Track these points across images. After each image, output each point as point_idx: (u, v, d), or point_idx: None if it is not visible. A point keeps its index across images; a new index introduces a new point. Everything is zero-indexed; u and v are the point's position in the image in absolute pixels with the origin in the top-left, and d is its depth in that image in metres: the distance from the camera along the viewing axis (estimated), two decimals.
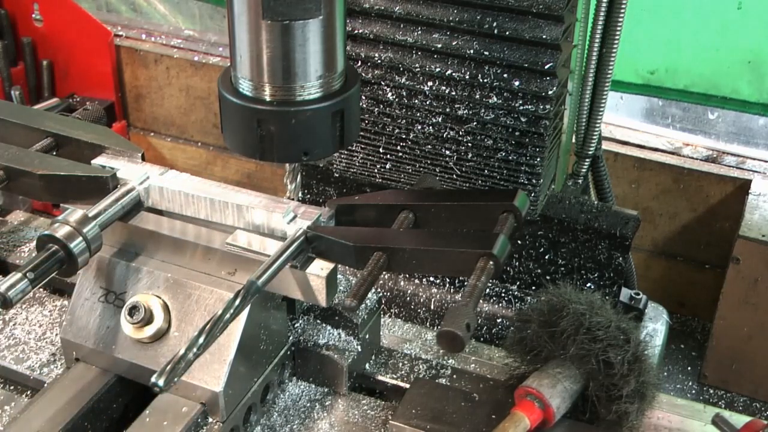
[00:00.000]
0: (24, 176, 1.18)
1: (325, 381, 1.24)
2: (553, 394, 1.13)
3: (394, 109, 1.45)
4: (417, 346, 1.33)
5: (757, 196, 2.30)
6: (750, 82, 2.38)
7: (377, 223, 1.14)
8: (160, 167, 1.19)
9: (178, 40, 2.95)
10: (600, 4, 1.47)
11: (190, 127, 3.02)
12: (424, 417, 1.16)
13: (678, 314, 2.60)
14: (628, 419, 1.14)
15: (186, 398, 1.11)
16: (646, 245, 2.54)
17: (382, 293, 1.60)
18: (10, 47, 2.92)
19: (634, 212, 1.50)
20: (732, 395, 2.38)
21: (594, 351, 1.11)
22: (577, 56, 1.51)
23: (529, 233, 1.52)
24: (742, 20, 2.28)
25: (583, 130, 1.61)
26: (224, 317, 0.91)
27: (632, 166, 2.45)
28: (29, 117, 1.29)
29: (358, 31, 1.41)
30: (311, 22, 0.99)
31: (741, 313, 2.26)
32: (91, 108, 2.75)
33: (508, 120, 1.38)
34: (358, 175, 1.56)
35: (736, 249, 2.20)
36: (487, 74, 1.36)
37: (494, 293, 1.58)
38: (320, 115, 1.04)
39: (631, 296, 1.57)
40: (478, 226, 1.11)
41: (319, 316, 1.25)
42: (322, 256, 1.10)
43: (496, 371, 1.29)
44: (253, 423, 1.18)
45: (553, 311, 1.16)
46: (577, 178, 1.67)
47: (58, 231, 1.04)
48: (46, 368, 1.23)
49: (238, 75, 1.04)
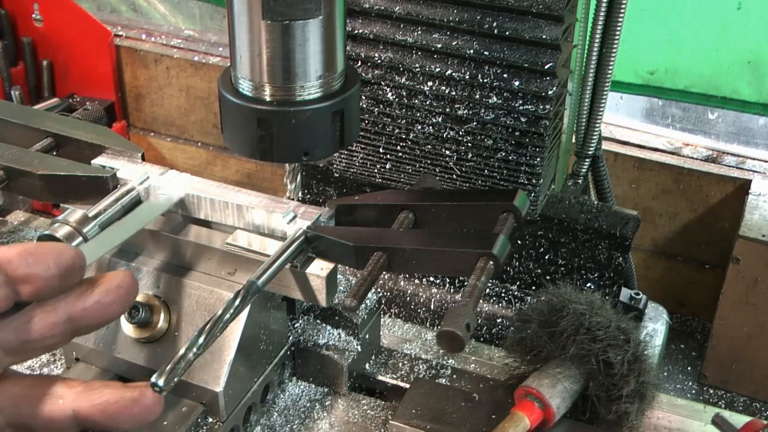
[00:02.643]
0: (24, 176, 1.18)
1: (325, 381, 1.24)
2: (553, 394, 1.13)
3: (394, 109, 1.45)
4: (417, 346, 1.33)
5: (757, 196, 2.30)
6: (750, 82, 2.38)
7: (377, 223, 1.14)
8: (160, 167, 1.19)
9: (178, 40, 2.95)
10: (600, 4, 1.47)
11: (190, 127, 3.02)
12: (424, 417, 1.16)
13: (678, 314, 2.60)
14: (628, 419, 1.14)
15: (186, 398, 1.11)
16: (646, 245, 2.54)
17: (382, 293, 1.60)
18: (10, 47, 2.92)
19: (634, 212, 1.50)
20: (732, 395, 2.38)
21: (594, 351, 1.11)
22: (577, 56, 1.51)
23: (529, 233, 1.52)
24: (742, 20, 2.28)
25: (583, 130, 1.61)
26: (224, 317, 0.91)
27: (632, 166, 2.46)
28: (29, 117, 1.29)
29: (358, 31, 1.41)
30: (311, 22, 0.99)
31: (741, 313, 2.27)
32: (91, 108, 2.75)
33: (508, 120, 1.38)
34: (358, 175, 1.56)
35: (736, 249, 2.21)
36: (487, 74, 1.36)
37: (494, 293, 1.58)
38: (320, 115, 1.04)
39: (631, 296, 1.57)
40: (478, 226, 1.11)
41: (319, 316, 1.25)
42: (322, 256, 1.10)
43: (496, 371, 1.29)
44: (253, 423, 1.18)
45: (553, 311, 1.16)
46: (577, 178, 1.67)
47: (58, 231, 1.04)
48: (46, 368, 1.23)
49: (238, 75, 1.04)
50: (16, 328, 0.71)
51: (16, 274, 0.70)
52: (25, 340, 0.72)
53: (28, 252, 0.71)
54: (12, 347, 0.72)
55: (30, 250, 0.72)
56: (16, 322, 0.71)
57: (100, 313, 0.75)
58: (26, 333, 0.72)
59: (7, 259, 0.70)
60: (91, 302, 0.74)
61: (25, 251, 0.71)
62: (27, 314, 0.72)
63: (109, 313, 0.76)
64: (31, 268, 0.70)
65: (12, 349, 0.72)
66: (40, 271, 0.71)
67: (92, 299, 0.74)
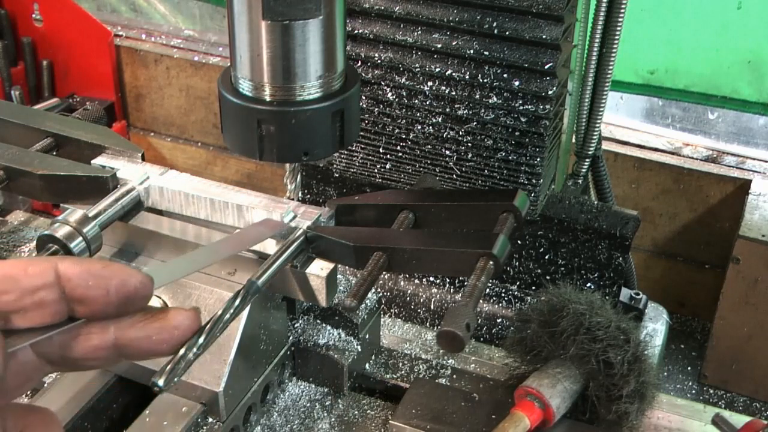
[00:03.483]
0: (24, 176, 1.18)
1: (325, 381, 1.24)
2: (553, 394, 1.13)
3: (394, 109, 1.45)
4: (417, 346, 1.33)
5: (757, 196, 2.30)
6: (750, 81, 2.38)
7: (377, 223, 1.14)
8: (160, 167, 1.19)
9: (178, 40, 2.95)
10: (600, 4, 1.47)
11: (190, 127, 3.02)
12: (424, 417, 1.16)
13: (678, 314, 2.60)
14: (628, 419, 1.14)
15: (186, 398, 1.11)
16: (646, 245, 2.54)
17: (382, 293, 1.60)
18: (10, 47, 2.92)
19: (634, 212, 1.50)
20: (732, 395, 2.38)
21: (594, 351, 1.11)
22: (577, 56, 1.51)
23: (529, 233, 1.52)
24: (742, 20, 2.28)
25: (583, 130, 1.61)
26: (224, 317, 0.91)
27: (632, 166, 2.46)
28: (29, 117, 1.29)
29: (358, 31, 1.41)
30: (311, 22, 0.99)
31: (741, 313, 2.27)
32: (91, 108, 2.75)
33: (508, 120, 1.38)
34: (358, 175, 1.56)
35: (736, 249, 2.21)
36: (487, 74, 1.36)
37: (494, 293, 1.57)
38: (320, 115, 1.04)
39: (631, 296, 1.57)
40: (478, 226, 1.11)
41: (319, 316, 1.25)
42: (322, 256, 1.10)
43: (496, 371, 1.29)
44: (253, 423, 1.18)
45: (553, 311, 1.16)
46: (577, 178, 1.67)
47: (58, 231, 1.04)
48: None
49: (238, 75, 1.04)
50: (62, 342, 0.69)
51: (74, 294, 0.66)
52: (67, 357, 0.70)
53: (91, 273, 0.67)
54: (54, 359, 0.70)
55: (93, 272, 0.67)
56: (62, 337, 0.68)
57: (149, 347, 0.71)
58: (70, 350, 0.69)
59: (68, 276, 0.66)
60: (142, 335, 0.70)
61: (88, 271, 0.67)
62: (75, 331, 0.69)
63: (159, 351, 0.72)
64: (90, 290, 0.67)
65: (53, 361, 0.70)
66: (99, 296, 0.67)
67: (144, 333, 0.70)
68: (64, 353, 0.69)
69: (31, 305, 0.65)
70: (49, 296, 0.66)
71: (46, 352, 0.69)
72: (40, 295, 0.65)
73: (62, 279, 0.66)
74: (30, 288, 0.65)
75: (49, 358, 0.69)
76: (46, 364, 0.70)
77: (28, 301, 0.65)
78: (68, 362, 0.70)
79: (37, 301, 0.65)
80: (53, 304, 0.66)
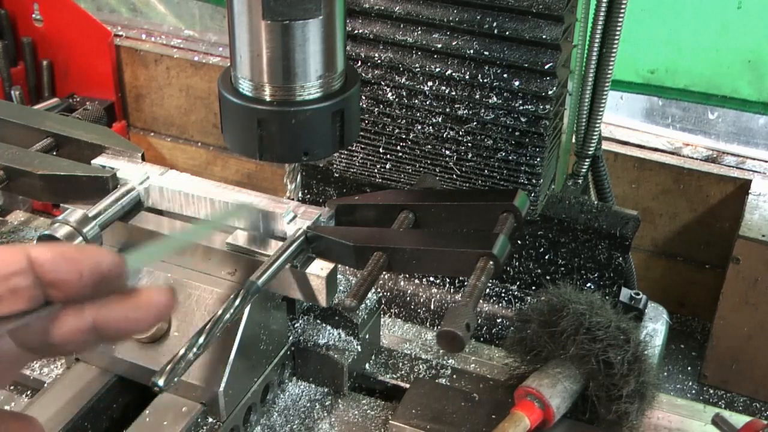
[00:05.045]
0: (24, 176, 1.18)
1: (325, 381, 1.24)
2: (553, 394, 1.13)
3: (394, 109, 1.45)
4: (417, 346, 1.33)
5: (757, 196, 2.30)
6: (750, 81, 2.38)
7: (377, 223, 1.14)
8: (160, 167, 1.19)
9: (178, 40, 2.95)
10: (600, 4, 1.47)
11: (190, 127, 3.02)
12: (424, 417, 1.16)
13: (678, 314, 2.60)
14: (628, 419, 1.14)
15: (186, 398, 1.11)
16: (646, 245, 2.54)
17: (382, 293, 1.60)
18: (10, 47, 2.92)
19: (634, 212, 1.50)
20: (732, 395, 2.38)
21: (594, 351, 1.11)
22: (577, 56, 1.51)
23: (529, 233, 1.52)
24: (742, 20, 2.28)
25: (583, 130, 1.61)
26: (224, 317, 0.91)
27: (632, 166, 2.45)
28: (29, 117, 1.29)
29: (358, 31, 1.41)
30: (311, 22, 0.99)
31: (741, 313, 2.26)
32: (91, 108, 2.75)
33: (508, 120, 1.38)
34: (358, 175, 1.56)
35: (736, 249, 2.20)
36: (487, 74, 1.36)
37: (494, 293, 1.57)
38: (320, 115, 1.04)
39: (631, 296, 1.57)
40: (478, 226, 1.11)
41: (319, 316, 1.25)
42: (322, 256, 1.10)
43: (496, 371, 1.29)
44: (253, 423, 1.18)
45: (553, 311, 1.16)
46: (577, 178, 1.67)
47: (58, 231, 1.04)
48: (46, 368, 1.23)
49: (238, 75, 1.04)
50: (40, 329, 0.70)
51: (47, 278, 0.67)
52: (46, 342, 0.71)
53: (64, 256, 0.67)
54: (34, 346, 0.70)
55: (67, 255, 0.68)
56: (40, 322, 0.69)
57: (126, 326, 0.71)
58: (49, 336, 0.70)
59: (40, 261, 0.66)
60: (118, 315, 0.71)
61: (62, 255, 0.67)
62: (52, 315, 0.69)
63: (136, 328, 0.72)
64: (62, 274, 0.67)
65: (34, 348, 0.71)
66: (72, 279, 0.67)
67: (120, 312, 0.71)
68: (43, 339, 0.69)
69: (6, 292, 0.65)
70: (22, 282, 0.66)
71: (25, 340, 0.69)
72: (14, 281, 0.65)
73: (35, 264, 0.66)
74: (3, 275, 0.65)
75: (29, 345, 0.70)
76: (26, 352, 0.70)
77: (2, 288, 0.65)
78: (48, 348, 0.70)
79: (11, 288, 0.65)
80: (27, 290, 0.66)
